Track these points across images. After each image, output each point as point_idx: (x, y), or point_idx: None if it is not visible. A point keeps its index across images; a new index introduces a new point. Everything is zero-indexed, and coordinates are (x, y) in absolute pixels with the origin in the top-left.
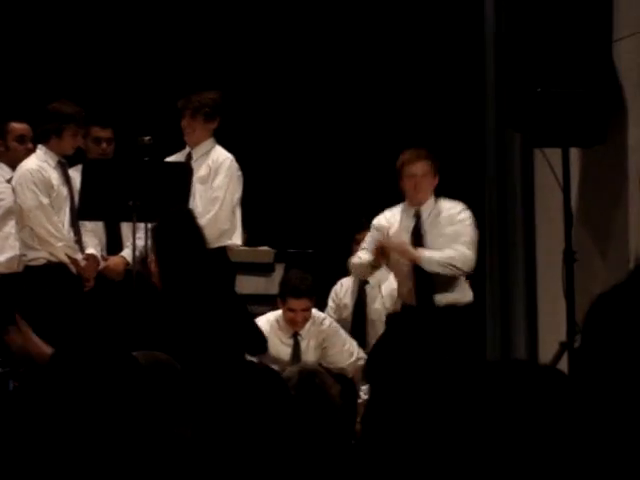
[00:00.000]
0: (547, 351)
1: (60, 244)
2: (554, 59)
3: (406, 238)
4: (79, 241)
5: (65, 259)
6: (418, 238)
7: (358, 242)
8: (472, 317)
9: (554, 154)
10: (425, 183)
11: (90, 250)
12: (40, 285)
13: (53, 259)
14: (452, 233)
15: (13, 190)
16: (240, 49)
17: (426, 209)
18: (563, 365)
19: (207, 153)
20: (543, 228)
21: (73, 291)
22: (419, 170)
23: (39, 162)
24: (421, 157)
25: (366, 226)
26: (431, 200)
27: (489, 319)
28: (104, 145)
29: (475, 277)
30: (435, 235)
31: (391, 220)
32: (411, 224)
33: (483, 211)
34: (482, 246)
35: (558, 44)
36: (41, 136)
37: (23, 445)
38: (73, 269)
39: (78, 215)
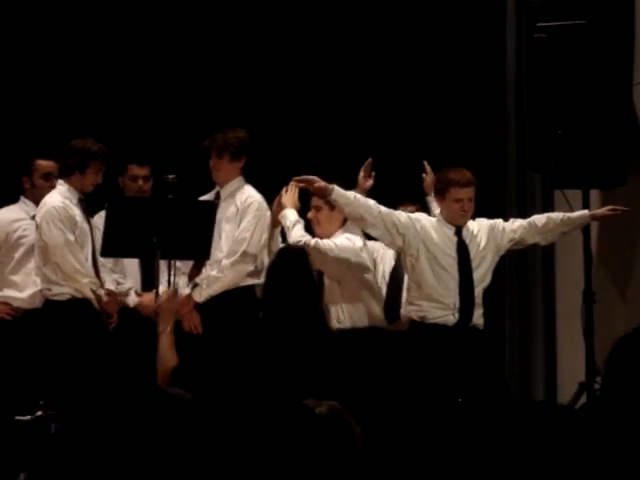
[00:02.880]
0: (566, 392)
1: (86, 280)
2: (575, 101)
3: (451, 251)
4: (98, 277)
5: (90, 295)
6: (464, 254)
7: None
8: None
9: (575, 196)
10: (471, 208)
11: (108, 285)
12: (65, 320)
13: (77, 294)
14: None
15: (37, 227)
16: (265, 87)
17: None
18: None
19: (235, 192)
20: (563, 269)
21: (97, 326)
22: (469, 194)
23: (62, 199)
24: (471, 182)
25: (406, 201)
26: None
27: (508, 358)
28: (141, 182)
29: (495, 316)
30: (476, 250)
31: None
32: (454, 239)
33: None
34: (502, 286)
35: (579, 87)
36: (64, 171)
37: None
38: (96, 305)
39: (102, 252)
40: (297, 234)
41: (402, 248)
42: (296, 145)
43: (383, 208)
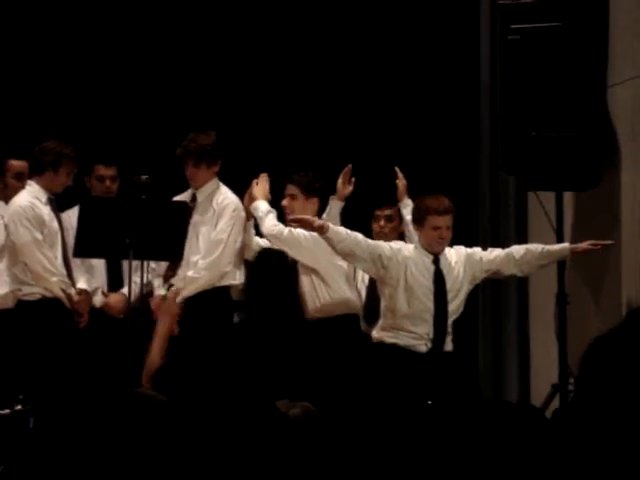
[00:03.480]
0: (539, 393)
1: (55, 279)
2: (549, 103)
3: (429, 281)
4: (70, 276)
5: (60, 294)
6: (440, 285)
7: (378, 218)
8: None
9: (548, 198)
10: (449, 236)
11: (81, 285)
12: (35, 320)
13: (48, 294)
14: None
15: (5, 227)
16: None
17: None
18: (555, 406)
19: (211, 194)
20: (536, 271)
21: (68, 326)
22: (446, 222)
23: (30, 198)
24: (448, 210)
25: (384, 204)
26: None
27: (481, 360)
28: (108, 183)
29: (468, 318)
30: (453, 281)
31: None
32: (431, 268)
33: None
34: (475, 288)
35: (553, 89)
36: (35, 170)
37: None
38: (67, 304)
39: (75, 252)
40: (270, 223)
41: (383, 278)
42: (270, 145)
43: (370, 241)
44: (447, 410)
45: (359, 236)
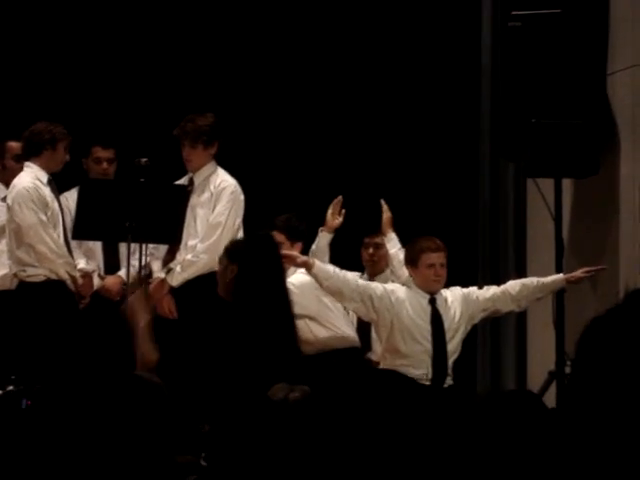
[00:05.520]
0: (536, 380)
1: (61, 261)
2: (549, 90)
3: (425, 322)
4: (71, 258)
5: (65, 276)
6: (438, 324)
7: (367, 246)
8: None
9: (547, 184)
10: (444, 274)
11: (82, 266)
12: (39, 301)
13: (52, 276)
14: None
15: (8, 208)
16: (237, 67)
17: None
18: (551, 393)
19: (208, 178)
20: (534, 257)
21: (71, 308)
22: (440, 259)
23: (32, 179)
24: (441, 248)
25: (374, 233)
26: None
27: (479, 347)
28: (105, 165)
29: None
30: (450, 321)
31: (402, 296)
32: (427, 309)
33: (476, 239)
34: (474, 275)
35: (553, 76)
36: (32, 151)
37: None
38: (71, 286)
39: (73, 234)
40: None
41: (376, 321)
42: (268, 127)
43: (360, 281)
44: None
45: (348, 275)
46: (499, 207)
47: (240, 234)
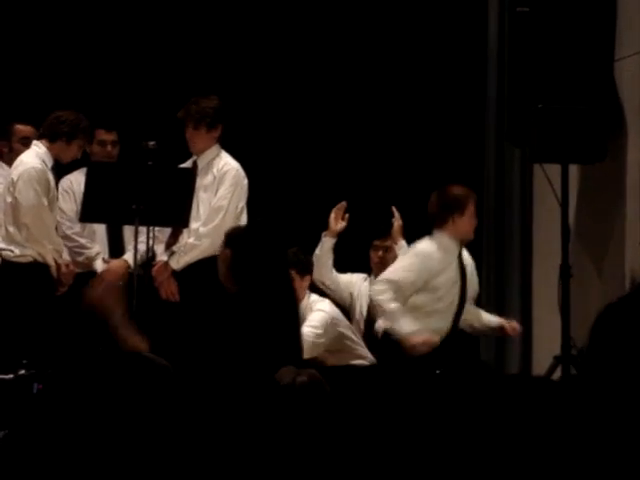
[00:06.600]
0: (541, 365)
1: (50, 247)
2: (556, 76)
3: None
4: (61, 245)
5: (51, 262)
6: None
7: (377, 248)
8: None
9: (553, 170)
10: None
11: (65, 256)
12: (24, 281)
13: (39, 259)
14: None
15: (13, 184)
16: (243, 53)
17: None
18: (556, 378)
19: (212, 161)
20: (540, 243)
21: (51, 293)
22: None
23: (40, 161)
24: None
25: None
26: None
27: None
28: (109, 148)
29: None
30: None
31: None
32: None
33: (481, 225)
34: (479, 260)
35: (560, 61)
36: (49, 136)
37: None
38: (54, 273)
39: (81, 217)
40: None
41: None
42: (272, 111)
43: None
44: (455, 379)
45: None
46: (505, 193)
47: (244, 218)
